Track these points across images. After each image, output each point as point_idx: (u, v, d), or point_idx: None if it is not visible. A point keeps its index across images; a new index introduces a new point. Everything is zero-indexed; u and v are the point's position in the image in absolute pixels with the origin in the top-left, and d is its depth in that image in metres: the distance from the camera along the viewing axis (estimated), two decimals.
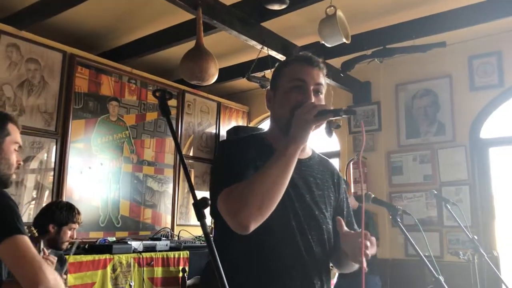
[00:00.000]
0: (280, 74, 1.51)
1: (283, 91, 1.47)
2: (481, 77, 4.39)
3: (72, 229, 2.80)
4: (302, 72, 1.45)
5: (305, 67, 1.46)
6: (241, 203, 1.24)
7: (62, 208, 2.94)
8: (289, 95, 1.44)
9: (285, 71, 1.50)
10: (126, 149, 4.50)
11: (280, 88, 1.48)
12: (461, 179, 4.39)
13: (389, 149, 4.86)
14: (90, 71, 4.25)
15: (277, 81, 1.51)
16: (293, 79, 1.45)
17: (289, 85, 1.45)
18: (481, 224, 4.26)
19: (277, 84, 1.50)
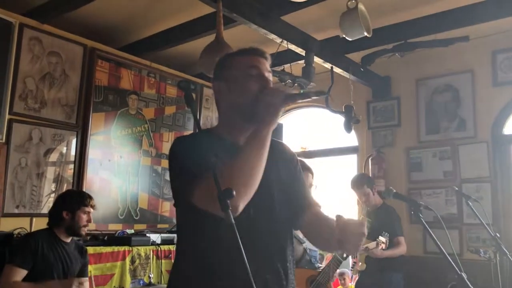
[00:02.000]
0: (229, 66, 1.52)
1: (237, 81, 1.48)
2: (505, 72, 4.30)
3: (87, 213, 2.85)
4: (254, 61, 1.49)
5: (255, 57, 1.50)
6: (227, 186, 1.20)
7: (72, 194, 3.03)
8: (247, 83, 1.46)
9: (234, 62, 1.51)
10: (145, 142, 4.53)
11: (233, 78, 1.49)
12: (482, 176, 4.32)
13: (409, 145, 4.80)
14: (110, 64, 4.28)
15: (227, 72, 1.51)
16: (247, 68, 1.47)
17: (244, 74, 1.47)
18: (502, 222, 4.19)
19: (228, 75, 1.50)
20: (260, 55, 1.51)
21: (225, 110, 1.54)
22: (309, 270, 2.47)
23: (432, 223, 2.33)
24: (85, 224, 2.82)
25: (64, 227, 2.80)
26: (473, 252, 3.81)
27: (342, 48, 4.27)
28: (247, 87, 1.46)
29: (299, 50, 3.94)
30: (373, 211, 3.93)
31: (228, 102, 1.51)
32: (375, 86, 5.02)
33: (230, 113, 1.52)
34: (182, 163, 1.42)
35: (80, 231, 2.81)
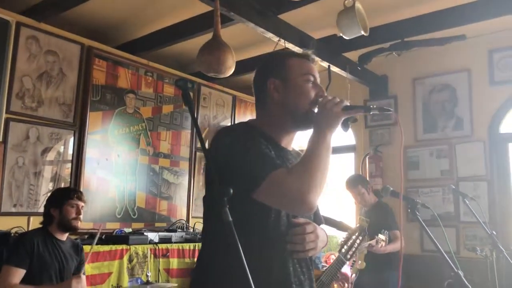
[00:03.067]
0: (287, 66, 1.53)
1: (296, 83, 1.50)
2: (502, 71, 4.32)
3: (75, 206, 2.83)
4: (310, 68, 1.52)
5: (309, 64, 1.53)
6: (308, 183, 1.29)
7: (57, 191, 3.05)
8: (305, 88, 1.49)
9: (291, 64, 1.52)
10: (143, 141, 4.53)
11: (291, 79, 1.50)
12: (479, 174, 4.34)
13: (406, 144, 4.82)
14: (107, 63, 4.28)
15: (284, 71, 1.52)
16: (305, 73, 1.50)
17: (303, 78, 1.49)
18: (498, 221, 4.21)
19: (286, 75, 1.51)
20: (314, 63, 1.55)
21: (276, 109, 1.52)
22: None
23: (429, 221, 2.34)
24: (74, 217, 2.80)
25: (56, 224, 2.80)
26: (470, 250, 3.83)
27: (339, 47, 4.28)
28: (306, 92, 1.48)
29: (296, 49, 3.95)
30: (369, 210, 3.95)
31: (283, 102, 1.50)
32: (372, 85, 5.03)
33: (282, 113, 1.51)
34: (248, 155, 1.37)
35: (71, 224, 2.79)
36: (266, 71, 1.55)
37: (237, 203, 1.34)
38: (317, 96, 1.48)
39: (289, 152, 1.56)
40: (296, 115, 1.49)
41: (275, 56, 1.62)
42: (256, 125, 1.53)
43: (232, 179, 1.33)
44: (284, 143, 1.54)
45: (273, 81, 1.51)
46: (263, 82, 1.54)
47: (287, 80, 1.50)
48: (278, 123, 1.52)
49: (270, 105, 1.53)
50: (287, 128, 1.53)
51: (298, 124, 1.51)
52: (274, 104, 1.52)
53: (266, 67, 1.58)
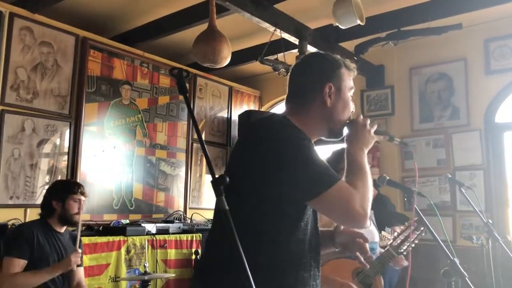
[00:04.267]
0: (340, 75, 1.54)
1: (344, 97, 1.54)
2: (497, 60, 4.32)
3: (77, 201, 2.84)
4: (352, 83, 1.58)
5: (352, 77, 1.59)
6: (367, 200, 1.39)
7: (59, 184, 3.03)
8: (350, 102, 1.56)
9: (344, 74, 1.55)
10: (139, 132, 4.52)
11: (343, 90, 1.54)
12: (475, 164, 4.35)
13: (402, 134, 4.82)
14: (102, 54, 4.25)
15: (339, 80, 1.54)
16: (352, 87, 1.57)
17: (350, 92, 1.56)
18: (494, 209, 4.22)
19: (339, 84, 1.53)
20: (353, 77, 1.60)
21: (322, 114, 1.52)
22: (354, 262, 2.39)
23: (426, 211, 2.35)
24: (76, 211, 2.82)
25: (56, 217, 2.80)
26: (466, 238, 3.85)
27: (336, 36, 4.27)
28: (350, 106, 1.56)
29: (293, 39, 3.93)
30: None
31: (331, 110, 1.52)
32: (368, 75, 5.02)
33: (325, 119, 1.53)
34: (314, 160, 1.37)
35: (73, 219, 2.81)
36: (325, 74, 1.54)
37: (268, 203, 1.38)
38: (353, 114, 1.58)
39: None
40: (336, 124, 1.54)
41: (333, 61, 1.58)
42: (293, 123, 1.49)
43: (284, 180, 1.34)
44: None
45: (330, 86, 1.51)
46: (319, 83, 1.52)
47: (340, 89, 1.53)
48: (316, 127, 1.53)
49: (317, 108, 1.52)
50: (321, 134, 1.55)
51: (332, 133, 1.55)
52: (322, 109, 1.52)
53: (324, 69, 1.55)
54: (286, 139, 1.39)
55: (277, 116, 1.61)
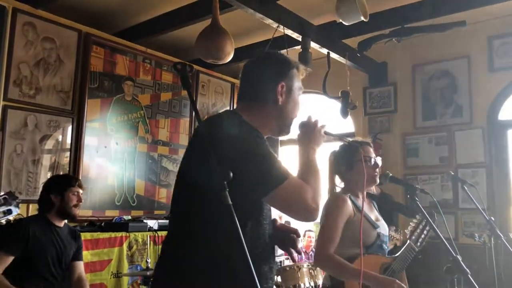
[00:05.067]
0: (292, 75, 1.60)
1: (295, 96, 1.60)
2: (501, 58, 4.30)
3: (76, 193, 2.85)
4: (301, 83, 1.64)
5: (301, 77, 1.65)
6: (318, 195, 1.43)
7: (57, 178, 3.05)
8: (299, 103, 1.62)
9: (296, 75, 1.61)
10: (141, 129, 4.52)
11: (293, 90, 1.60)
12: (477, 161, 4.34)
13: (405, 131, 4.82)
14: (105, 50, 4.25)
15: (290, 80, 1.59)
16: (301, 88, 1.63)
17: (299, 92, 1.62)
18: (497, 207, 4.22)
19: (291, 84, 1.59)
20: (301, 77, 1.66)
21: (274, 112, 1.57)
22: (381, 257, 2.41)
23: (428, 208, 2.34)
24: (75, 204, 2.83)
25: (55, 211, 2.80)
26: (468, 236, 3.84)
27: (339, 33, 4.25)
28: (299, 106, 1.62)
29: (296, 35, 3.92)
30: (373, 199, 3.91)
31: (282, 108, 1.58)
32: (371, 72, 5.01)
33: (276, 117, 1.58)
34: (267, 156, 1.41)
35: (72, 211, 2.81)
36: (278, 73, 1.58)
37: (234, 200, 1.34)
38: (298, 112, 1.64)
39: None
40: (285, 123, 1.60)
41: (285, 61, 1.63)
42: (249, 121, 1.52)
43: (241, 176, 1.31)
44: None
45: (283, 85, 1.57)
46: (273, 82, 1.57)
47: (291, 89, 1.59)
48: (268, 125, 1.58)
49: (270, 106, 1.57)
50: (271, 131, 1.61)
51: (282, 131, 1.62)
52: (274, 107, 1.57)
53: (280, 69, 1.60)
54: (240, 136, 1.42)
55: (229, 113, 1.63)
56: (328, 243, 2.26)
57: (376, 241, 2.39)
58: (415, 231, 2.50)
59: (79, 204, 2.85)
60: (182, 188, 1.53)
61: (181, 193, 1.53)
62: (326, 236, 2.29)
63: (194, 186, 1.42)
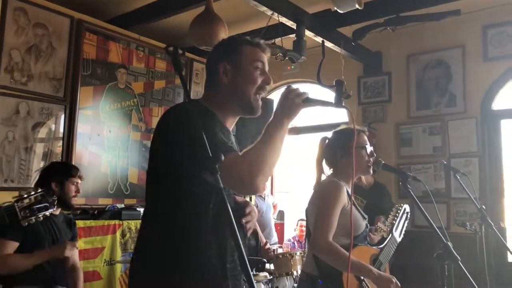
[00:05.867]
0: (238, 51, 1.59)
1: (246, 69, 1.58)
2: (495, 47, 4.30)
3: (75, 184, 2.84)
4: (260, 56, 1.61)
5: (260, 52, 1.62)
6: (258, 167, 1.36)
7: (59, 166, 3.02)
8: (254, 75, 1.58)
9: (243, 50, 1.60)
10: (135, 117, 4.50)
11: (241, 65, 1.58)
12: (471, 151, 4.36)
13: (399, 121, 4.82)
14: (98, 37, 4.21)
15: (235, 57, 1.59)
16: (254, 60, 1.59)
17: (252, 65, 1.58)
18: (489, 197, 4.24)
19: (236, 60, 1.58)
20: (264, 51, 1.63)
21: (225, 92, 1.58)
22: (371, 248, 2.42)
23: (421, 198, 2.35)
24: (74, 194, 2.83)
25: None
26: (460, 225, 3.87)
27: (334, 22, 4.23)
28: (253, 78, 1.57)
29: (290, 23, 3.90)
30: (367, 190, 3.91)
31: (232, 87, 1.58)
32: (366, 61, 5.00)
33: (229, 96, 1.58)
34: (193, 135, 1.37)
35: (71, 201, 2.82)
36: (219, 55, 1.62)
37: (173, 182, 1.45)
38: (264, 83, 1.59)
39: (230, 134, 1.62)
40: (242, 100, 1.58)
41: (229, 41, 1.68)
42: (206, 105, 1.58)
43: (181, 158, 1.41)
44: (228, 125, 1.62)
45: (224, 65, 1.58)
46: (214, 64, 1.60)
47: (238, 65, 1.58)
48: (227, 106, 1.59)
49: (219, 87, 1.59)
50: (232, 111, 1.61)
51: (243, 109, 1.60)
52: (223, 88, 1.58)
53: (220, 50, 1.65)
54: (179, 119, 1.47)
55: (185, 102, 1.66)
56: (327, 231, 2.21)
57: (364, 232, 2.40)
58: (397, 223, 2.51)
59: (77, 195, 2.85)
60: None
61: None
62: (325, 223, 2.23)
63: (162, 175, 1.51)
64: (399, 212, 2.56)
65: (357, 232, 2.34)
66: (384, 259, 2.38)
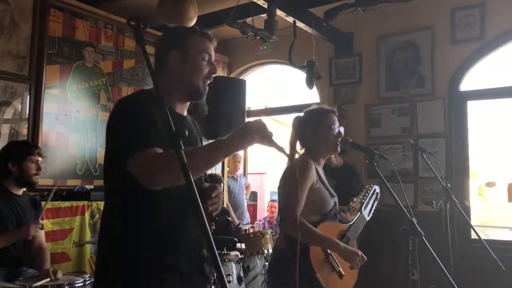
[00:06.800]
0: (187, 41, 1.68)
1: (193, 59, 1.66)
2: (462, 30, 4.37)
3: (35, 161, 2.79)
4: (208, 47, 1.70)
5: (208, 42, 1.71)
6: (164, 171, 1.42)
7: (15, 145, 2.95)
8: (201, 64, 1.67)
9: (192, 40, 1.68)
10: (103, 96, 4.40)
11: (190, 54, 1.66)
12: (438, 131, 4.45)
13: (369, 102, 4.88)
14: (64, 14, 4.08)
15: (184, 46, 1.67)
16: (201, 51, 1.67)
17: (199, 56, 1.67)
18: (454, 176, 4.36)
19: (185, 49, 1.66)
20: (211, 42, 1.72)
21: (173, 79, 1.66)
22: (339, 224, 2.46)
23: (389, 177, 2.40)
24: (35, 172, 2.76)
25: (13, 179, 2.73)
26: (427, 203, 3.98)
27: (305, 1, 4.21)
28: (201, 68, 1.67)
29: (261, 2, 3.86)
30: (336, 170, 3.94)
31: (180, 74, 1.66)
32: (337, 42, 5.01)
33: (178, 83, 1.67)
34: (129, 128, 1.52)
35: (31, 179, 2.76)
36: (169, 43, 1.70)
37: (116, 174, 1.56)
38: (210, 73, 1.69)
39: (185, 118, 1.74)
40: (190, 86, 1.67)
41: (179, 30, 1.78)
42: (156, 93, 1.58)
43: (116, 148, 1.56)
44: (179, 110, 1.71)
45: (173, 54, 1.66)
46: (164, 52, 1.68)
47: (186, 55, 1.66)
48: (175, 92, 1.68)
49: (168, 75, 1.67)
50: (181, 97, 1.70)
51: (190, 95, 1.70)
52: (172, 75, 1.66)
53: (169, 39, 1.72)
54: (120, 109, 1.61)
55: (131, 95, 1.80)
56: (296, 207, 2.25)
57: (333, 210, 2.44)
58: (366, 202, 2.56)
59: (38, 172, 2.78)
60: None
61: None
62: (294, 200, 2.26)
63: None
64: (368, 192, 2.62)
65: (326, 209, 2.39)
66: (352, 235, 2.44)
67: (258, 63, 5.85)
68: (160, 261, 1.53)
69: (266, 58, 5.63)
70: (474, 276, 3.89)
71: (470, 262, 3.82)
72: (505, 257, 3.07)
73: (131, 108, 1.57)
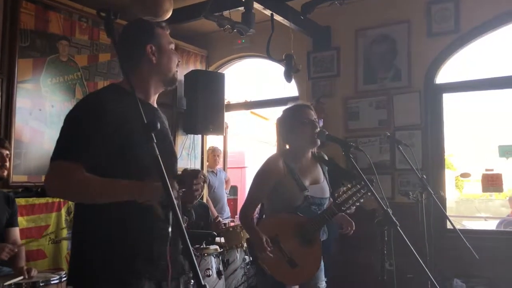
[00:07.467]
0: (157, 34, 1.79)
1: (166, 51, 1.79)
2: (438, 23, 4.43)
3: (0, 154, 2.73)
4: (170, 37, 1.85)
5: (168, 33, 1.85)
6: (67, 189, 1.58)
7: None
8: (171, 54, 1.81)
9: (160, 33, 1.80)
10: (78, 91, 4.32)
11: (163, 46, 1.78)
12: (414, 124, 4.51)
13: (347, 95, 4.91)
14: (36, 6, 3.98)
15: (156, 39, 1.78)
16: (169, 42, 1.82)
17: (170, 46, 1.81)
18: (430, 167, 4.42)
19: (158, 43, 1.77)
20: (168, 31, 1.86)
21: (151, 71, 1.75)
22: (298, 216, 2.45)
23: (366, 170, 2.42)
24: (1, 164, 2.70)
25: None
26: (403, 194, 4.02)
27: None
28: (173, 57, 1.81)
29: None
30: None
31: (157, 65, 1.76)
32: (315, 35, 5.02)
33: (155, 74, 1.76)
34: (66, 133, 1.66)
35: None
36: (144, 37, 1.77)
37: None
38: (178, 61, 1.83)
39: (156, 109, 1.82)
40: (167, 75, 1.79)
41: (146, 24, 1.85)
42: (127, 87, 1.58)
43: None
44: (151, 101, 1.79)
45: (151, 46, 1.75)
46: (141, 46, 1.75)
47: (160, 47, 1.77)
48: (151, 83, 1.77)
49: (146, 67, 1.75)
50: (158, 86, 1.80)
51: (167, 82, 1.81)
52: (150, 66, 1.75)
53: (143, 33, 1.78)
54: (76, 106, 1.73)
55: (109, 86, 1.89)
56: (249, 204, 2.50)
57: (304, 203, 2.46)
58: (342, 196, 2.50)
59: (4, 165, 2.72)
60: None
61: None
62: (248, 197, 2.52)
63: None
64: (352, 190, 2.51)
65: (294, 203, 2.46)
66: (312, 228, 2.45)
67: (237, 56, 5.82)
68: (127, 266, 1.55)
69: (245, 52, 5.60)
70: (449, 265, 3.97)
71: (446, 252, 3.89)
72: (479, 246, 3.14)
73: (85, 111, 1.64)
